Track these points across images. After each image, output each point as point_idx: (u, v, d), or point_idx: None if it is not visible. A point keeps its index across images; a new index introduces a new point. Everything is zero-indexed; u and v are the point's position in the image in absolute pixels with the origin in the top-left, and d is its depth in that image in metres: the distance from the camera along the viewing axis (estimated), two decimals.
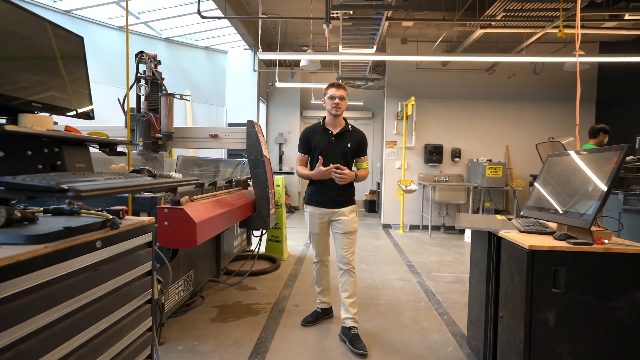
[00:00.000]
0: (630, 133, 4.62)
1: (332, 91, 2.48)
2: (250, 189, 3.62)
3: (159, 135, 3.55)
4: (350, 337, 2.38)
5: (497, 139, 6.73)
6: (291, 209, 8.84)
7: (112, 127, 3.82)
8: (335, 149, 2.52)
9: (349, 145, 2.53)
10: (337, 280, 2.60)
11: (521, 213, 2.15)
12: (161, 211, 2.17)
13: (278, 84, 7.31)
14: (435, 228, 6.67)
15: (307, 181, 2.67)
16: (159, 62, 3.82)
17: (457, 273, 4.09)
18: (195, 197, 2.54)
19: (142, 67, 3.59)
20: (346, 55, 4.94)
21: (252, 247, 4.90)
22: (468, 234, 5.91)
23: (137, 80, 3.56)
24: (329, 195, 2.51)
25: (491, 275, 1.98)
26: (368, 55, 4.95)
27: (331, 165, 2.42)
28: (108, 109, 4.35)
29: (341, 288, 2.53)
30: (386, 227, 6.94)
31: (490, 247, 2.00)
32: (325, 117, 2.61)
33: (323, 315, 2.77)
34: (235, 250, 4.24)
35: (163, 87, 3.60)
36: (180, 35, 7.19)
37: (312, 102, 9.05)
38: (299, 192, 9.40)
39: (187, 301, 2.91)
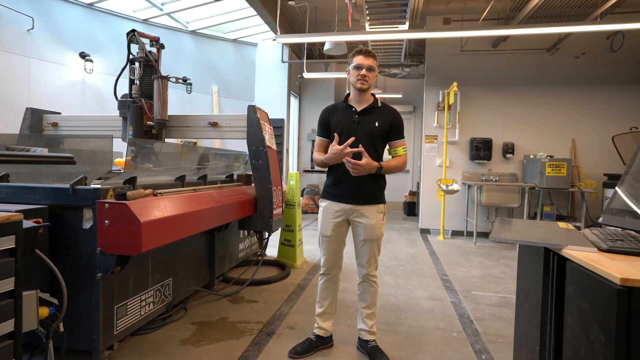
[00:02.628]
0: None
1: (359, 59, 1.99)
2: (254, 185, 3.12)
3: (152, 123, 3.17)
4: (370, 350, 2.07)
5: (561, 132, 5.66)
6: None
7: (104, 116, 3.53)
8: (359, 128, 2.01)
9: (376, 125, 2.01)
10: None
11: (600, 220, 1.40)
12: (101, 207, 1.71)
13: (306, 75, 6.80)
14: (482, 235, 5.76)
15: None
16: (162, 46, 3.46)
17: (505, 293, 3.28)
18: (161, 191, 2.07)
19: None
20: (374, 34, 4.29)
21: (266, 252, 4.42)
22: None
23: (130, 62, 3.22)
24: (349, 186, 2.01)
25: (549, 316, 1.28)
26: (400, 32, 4.26)
27: (348, 149, 1.90)
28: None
29: (359, 297, 2.15)
30: (424, 232, 6.14)
31: (548, 271, 1.29)
32: (348, 93, 2.12)
33: (318, 344, 2.16)
34: (242, 255, 3.77)
35: (157, 70, 3.22)
36: (206, 27, 6.94)
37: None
38: None
39: (164, 314, 2.46)
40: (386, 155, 2.09)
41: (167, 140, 3.39)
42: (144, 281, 2.20)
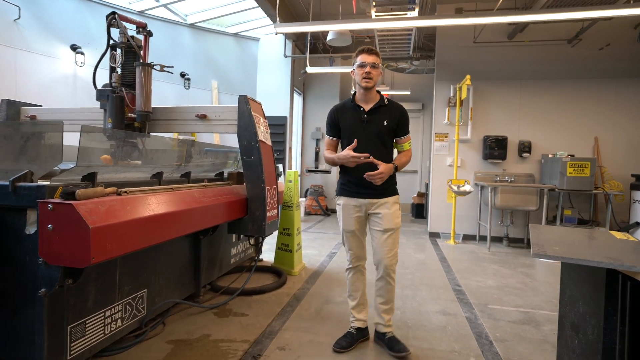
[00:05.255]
0: None
1: (362, 58, 2.06)
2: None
3: (134, 115, 2.87)
4: (387, 340, 2.13)
5: (582, 129, 5.25)
6: (327, 212, 7.95)
7: (85, 108, 3.24)
8: (368, 128, 2.09)
9: (385, 123, 2.09)
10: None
11: None
12: (43, 208, 1.40)
13: (310, 69, 6.48)
14: (496, 240, 5.37)
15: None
16: (150, 33, 3.15)
17: (527, 307, 2.91)
18: (128, 189, 1.76)
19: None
20: (380, 21, 3.95)
21: (262, 257, 4.10)
22: None
23: (111, 48, 2.92)
24: (364, 182, 2.06)
25: (617, 358, 0.93)
26: (409, 19, 3.91)
27: (361, 156, 1.98)
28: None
29: (376, 292, 2.18)
30: (433, 236, 5.77)
31: (615, 299, 0.94)
32: (355, 92, 2.19)
33: (359, 337, 2.20)
34: (234, 260, 3.45)
35: (141, 57, 2.91)
36: (206, 20, 6.66)
37: (353, 92, 8.07)
38: None
39: (137, 331, 2.15)
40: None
41: (154, 134, 3.08)
42: (109, 294, 1.89)
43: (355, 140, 2.02)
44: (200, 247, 2.73)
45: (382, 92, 2.20)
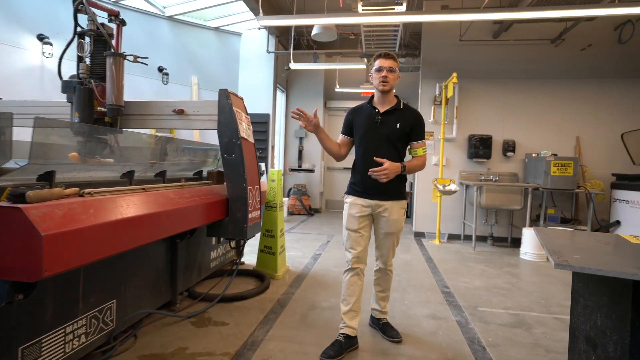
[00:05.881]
0: None
1: (380, 62, 2.11)
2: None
3: (104, 109, 2.65)
4: (382, 326, 2.30)
5: (565, 129, 5.29)
6: (311, 212, 7.80)
7: (50, 101, 2.99)
8: (380, 129, 2.13)
9: (397, 126, 2.12)
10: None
11: None
12: None
13: (293, 65, 6.32)
14: (481, 239, 5.36)
15: (331, 177, 2.14)
16: (123, 22, 2.93)
17: (516, 309, 2.86)
18: (92, 190, 1.57)
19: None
20: (366, 16, 3.83)
21: (244, 260, 3.93)
22: (525, 249, 4.58)
23: (78, 35, 2.69)
24: (373, 183, 2.10)
25: None
26: (395, 14, 3.81)
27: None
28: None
29: (375, 282, 2.34)
30: (418, 235, 5.71)
31: None
32: (373, 95, 2.24)
33: (348, 345, 2.09)
34: (214, 264, 3.27)
35: (112, 47, 2.70)
36: (185, 12, 6.39)
37: (337, 90, 7.96)
38: (321, 193, 8.35)
39: (104, 346, 1.95)
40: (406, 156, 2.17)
41: (127, 130, 2.86)
42: (71, 308, 1.70)
43: (315, 109, 2.10)
44: (177, 252, 2.54)
45: (366, 90, 2.30)
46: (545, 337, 2.38)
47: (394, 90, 2.18)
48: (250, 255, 3.97)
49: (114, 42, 2.78)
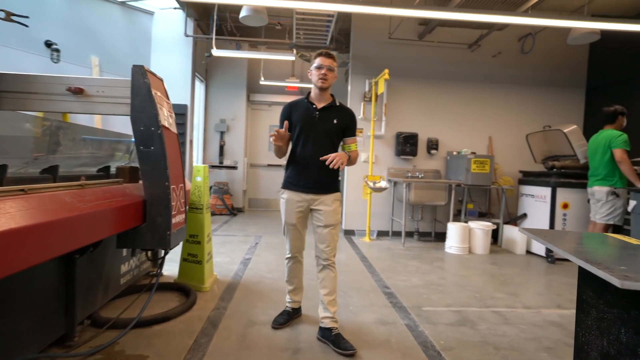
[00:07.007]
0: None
1: (320, 60, 2.18)
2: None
3: None
4: (333, 338, 2.15)
5: (479, 129, 5.69)
6: (234, 212, 7.28)
7: None
8: (318, 125, 2.21)
9: (334, 122, 2.22)
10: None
11: None
12: None
13: (215, 52, 5.76)
14: (408, 234, 5.50)
15: (255, 175, 1.83)
16: None
17: (457, 306, 2.87)
18: None
19: None
20: (298, 0, 3.56)
21: (163, 270, 3.36)
22: (450, 243, 4.79)
23: None
24: (309, 177, 2.21)
25: None
26: (330, 3, 3.61)
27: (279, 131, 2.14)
28: None
29: (320, 284, 2.27)
30: (349, 233, 5.66)
31: None
32: (310, 92, 2.31)
33: (293, 314, 2.47)
34: (125, 280, 2.70)
35: None
36: None
37: (262, 83, 7.54)
38: (244, 191, 7.86)
39: None
40: None
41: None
42: None
43: (285, 122, 2.17)
44: (74, 270, 1.98)
45: (291, 84, 2.16)
46: (490, 334, 2.39)
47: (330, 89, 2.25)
48: (170, 264, 3.42)
49: None
